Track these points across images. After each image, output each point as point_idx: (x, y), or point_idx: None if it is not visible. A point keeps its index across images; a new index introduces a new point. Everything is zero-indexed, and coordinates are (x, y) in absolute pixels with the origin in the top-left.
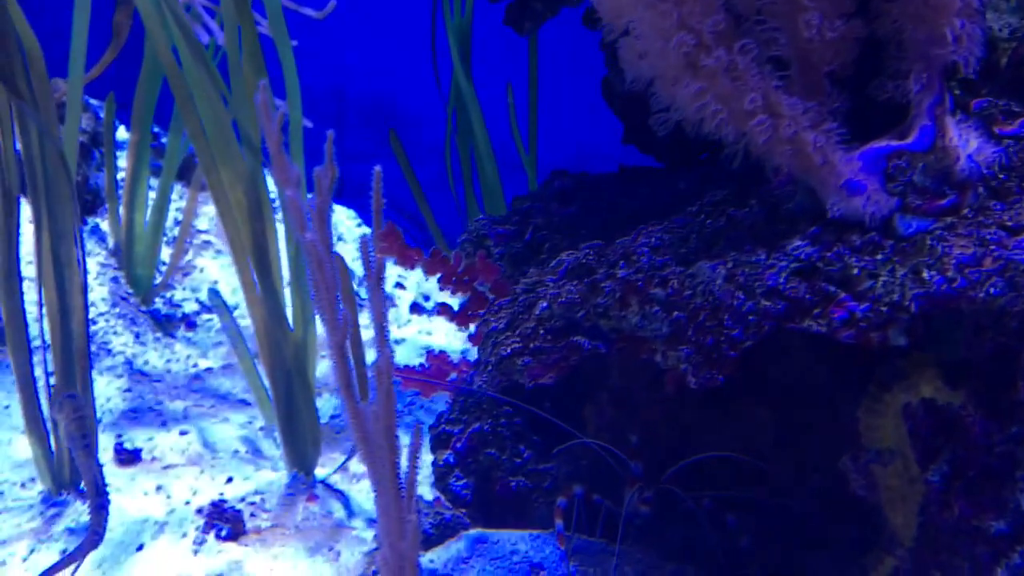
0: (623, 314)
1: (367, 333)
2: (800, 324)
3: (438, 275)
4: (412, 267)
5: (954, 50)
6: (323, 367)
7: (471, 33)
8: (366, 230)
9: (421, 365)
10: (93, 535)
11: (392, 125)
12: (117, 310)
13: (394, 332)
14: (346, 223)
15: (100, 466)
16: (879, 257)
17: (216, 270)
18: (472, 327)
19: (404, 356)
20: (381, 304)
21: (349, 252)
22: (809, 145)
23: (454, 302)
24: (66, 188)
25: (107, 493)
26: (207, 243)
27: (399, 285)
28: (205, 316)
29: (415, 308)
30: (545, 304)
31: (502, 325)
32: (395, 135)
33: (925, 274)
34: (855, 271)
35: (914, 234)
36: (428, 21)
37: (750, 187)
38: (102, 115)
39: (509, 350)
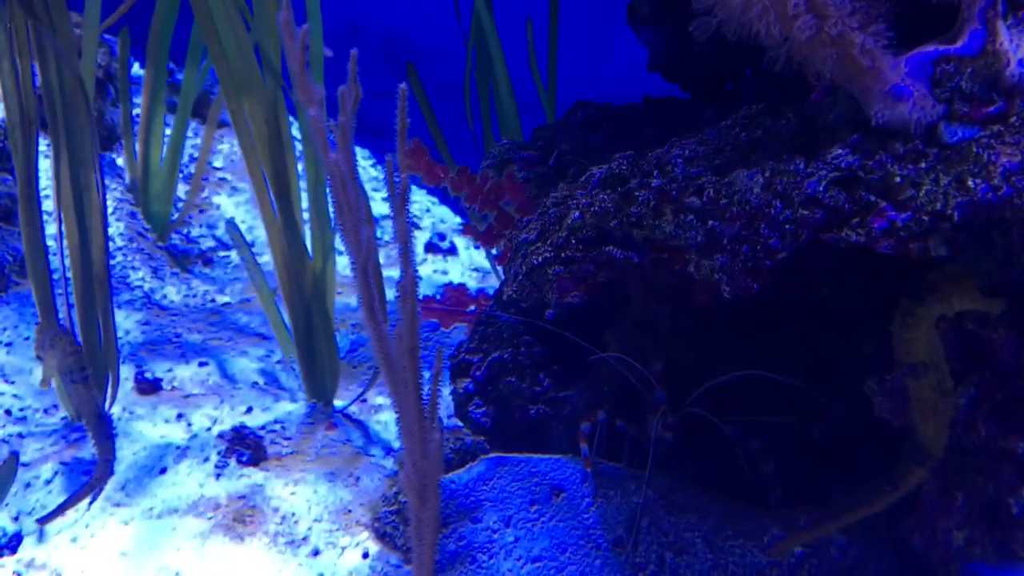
0: (657, 223)
1: (385, 271)
2: (839, 234)
3: (464, 192)
4: (439, 184)
5: None
6: (338, 303)
7: None
8: (380, 173)
9: (440, 295)
10: (105, 464)
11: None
12: (135, 245)
13: None
14: (360, 163)
15: (99, 398)
16: (923, 165)
17: (232, 208)
18: (496, 250)
19: (420, 293)
20: (406, 224)
21: None
22: (856, 47)
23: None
24: (85, 114)
25: (111, 422)
26: (223, 180)
27: (414, 224)
28: (222, 253)
29: (430, 247)
30: (578, 214)
31: (533, 236)
32: (413, 69)
33: (970, 182)
34: (897, 180)
35: (959, 142)
36: None
37: (785, 104)
38: (117, 52)
39: (540, 259)
